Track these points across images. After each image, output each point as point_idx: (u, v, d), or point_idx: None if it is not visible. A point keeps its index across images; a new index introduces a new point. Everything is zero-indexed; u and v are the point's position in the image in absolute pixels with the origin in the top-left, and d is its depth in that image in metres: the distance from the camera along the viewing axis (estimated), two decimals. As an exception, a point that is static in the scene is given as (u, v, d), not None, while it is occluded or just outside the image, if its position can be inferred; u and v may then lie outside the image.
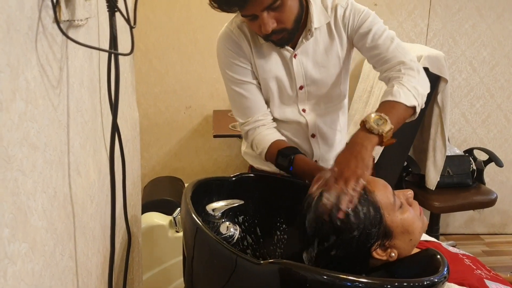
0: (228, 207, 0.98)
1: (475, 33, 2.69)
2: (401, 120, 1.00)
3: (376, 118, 0.93)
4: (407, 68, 1.06)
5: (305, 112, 1.23)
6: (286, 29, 1.05)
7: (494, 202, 2.45)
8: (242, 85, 1.18)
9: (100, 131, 0.80)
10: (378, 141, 0.93)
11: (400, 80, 1.04)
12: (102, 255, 0.79)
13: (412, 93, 1.01)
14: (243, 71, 1.17)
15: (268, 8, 0.99)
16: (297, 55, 1.15)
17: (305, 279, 0.72)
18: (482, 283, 0.87)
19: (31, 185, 0.48)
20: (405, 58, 1.08)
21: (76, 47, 0.63)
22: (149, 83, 2.57)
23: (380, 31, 1.12)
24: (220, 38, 1.19)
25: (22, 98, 0.46)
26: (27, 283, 0.47)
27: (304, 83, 1.18)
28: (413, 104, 1.01)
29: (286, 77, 1.18)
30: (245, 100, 1.19)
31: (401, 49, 1.11)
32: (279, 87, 1.19)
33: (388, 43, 1.11)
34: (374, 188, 0.86)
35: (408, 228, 0.85)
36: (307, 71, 1.17)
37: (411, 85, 1.02)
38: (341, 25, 1.14)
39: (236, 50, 1.16)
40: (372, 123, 0.92)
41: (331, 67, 1.18)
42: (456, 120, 2.82)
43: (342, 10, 1.14)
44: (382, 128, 0.92)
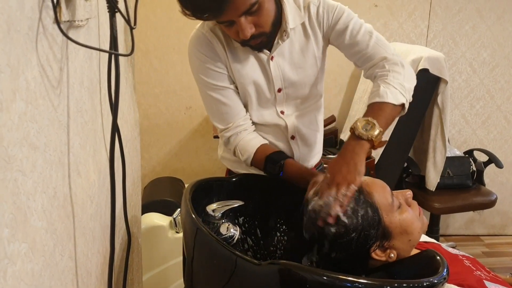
0: (228, 207, 0.98)
1: (475, 34, 2.69)
2: (390, 120, 1.00)
3: (364, 124, 0.94)
4: (391, 63, 1.05)
5: (284, 114, 1.20)
6: (264, 33, 1.02)
7: (494, 203, 2.45)
8: (219, 91, 1.13)
9: (100, 132, 0.80)
10: (369, 145, 0.93)
11: (385, 79, 1.03)
12: (102, 255, 0.79)
13: (399, 91, 1.01)
14: (219, 76, 1.12)
15: (245, 13, 0.95)
16: (274, 57, 1.12)
17: (305, 279, 0.72)
18: (481, 284, 0.87)
19: (31, 185, 0.48)
20: (387, 53, 1.07)
21: (76, 48, 0.64)
22: (149, 83, 2.58)
23: (357, 26, 1.09)
24: (191, 42, 1.12)
25: (22, 98, 0.46)
26: (27, 283, 0.46)
27: (282, 85, 1.15)
28: (401, 102, 1.01)
29: (264, 80, 1.14)
30: (223, 106, 1.15)
31: (381, 43, 1.09)
32: (257, 90, 1.15)
33: (367, 38, 1.08)
34: (372, 189, 0.86)
35: (407, 228, 0.85)
36: (284, 73, 1.14)
37: (397, 83, 1.01)
38: (315, 24, 1.11)
39: (210, 54, 1.11)
40: (360, 130, 0.93)
41: (308, 67, 1.15)
42: (456, 121, 2.82)
43: (315, 8, 1.10)
44: (370, 133, 0.92)
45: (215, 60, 1.11)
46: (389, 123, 1.00)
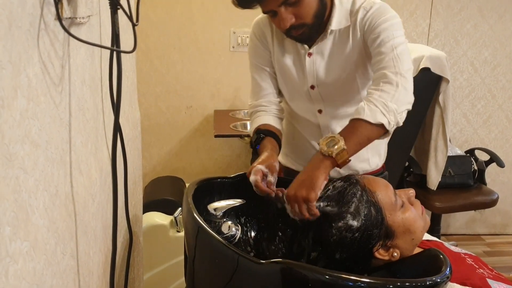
0: (229, 206, 0.97)
1: (476, 34, 2.68)
2: (363, 140, 0.97)
3: (328, 140, 0.94)
4: (385, 82, 1.01)
5: (321, 113, 1.23)
6: (305, 24, 1.06)
7: (495, 202, 2.45)
8: (257, 70, 1.24)
9: (102, 130, 0.79)
10: (331, 162, 0.92)
11: (370, 97, 1.00)
12: (103, 254, 0.78)
13: (379, 110, 0.97)
14: (262, 58, 1.23)
15: (285, 3, 1.01)
16: (312, 54, 1.16)
17: (306, 278, 0.71)
18: (484, 282, 0.87)
19: (32, 183, 0.48)
20: (391, 70, 1.02)
21: (78, 45, 0.63)
22: (150, 83, 2.57)
23: (388, 38, 1.06)
24: (253, 25, 1.26)
25: (23, 95, 0.45)
26: (29, 282, 0.46)
27: (315, 83, 1.18)
28: (379, 122, 0.96)
29: (298, 74, 1.20)
30: (256, 85, 1.25)
31: (396, 60, 1.04)
32: (289, 80, 1.22)
33: (388, 51, 1.05)
34: (376, 188, 0.86)
35: (410, 227, 0.84)
36: (318, 71, 1.17)
37: (380, 101, 0.98)
38: (358, 28, 1.12)
39: (260, 37, 1.22)
40: (323, 145, 0.93)
41: (344, 70, 1.16)
42: (458, 121, 2.81)
43: (364, 12, 1.10)
44: (331, 150, 0.92)
45: (262, 42, 1.23)
46: (362, 143, 0.97)
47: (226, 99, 2.66)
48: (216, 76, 2.61)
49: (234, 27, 2.55)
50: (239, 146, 2.73)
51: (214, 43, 2.57)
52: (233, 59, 2.60)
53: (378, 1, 1.11)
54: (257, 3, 1.02)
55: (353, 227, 0.82)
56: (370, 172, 1.32)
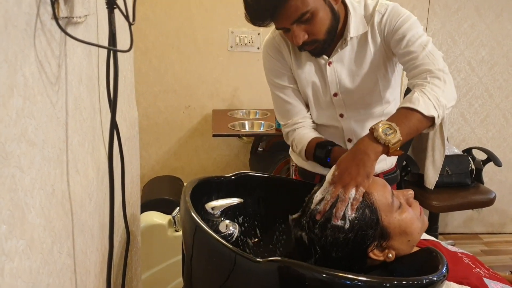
0: (227, 205, 0.97)
1: (474, 33, 2.69)
2: (413, 130, 0.96)
3: (385, 127, 0.90)
4: (433, 77, 1.02)
5: (343, 117, 1.24)
6: (317, 40, 1.08)
7: (492, 201, 2.45)
8: (283, 90, 1.24)
9: (99, 129, 0.80)
10: (383, 151, 0.89)
11: (422, 88, 1.00)
12: (100, 253, 0.78)
13: (432, 103, 0.97)
14: (284, 77, 1.23)
15: (297, 21, 1.02)
16: (332, 63, 1.17)
17: (304, 277, 0.72)
18: (481, 281, 0.87)
19: (28, 182, 0.48)
20: (433, 67, 1.03)
21: (74, 44, 0.63)
22: (149, 82, 2.57)
23: (414, 37, 1.07)
24: (264, 45, 1.25)
25: (20, 94, 0.45)
26: (25, 280, 0.46)
27: (338, 90, 1.19)
28: (432, 115, 0.96)
29: (320, 84, 1.20)
30: (285, 104, 1.25)
31: (432, 57, 1.05)
32: (314, 92, 1.22)
33: (420, 50, 1.06)
34: (372, 188, 0.85)
35: (406, 229, 0.84)
36: (341, 79, 1.18)
37: (433, 95, 0.98)
38: (377, 32, 1.13)
39: (278, 56, 1.22)
40: (380, 132, 0.89)
41: (366, 75, 1.17)
42: (455, 120, 2.82)
43: (380, 16, 1.12)
44: (389, 138, 0.88)
45: (280, 62, 1.22)
46: (413, 134, 0.96)
47: (224, 99, 2.67)
48: (214, 75, 2.61)
49: (232, 27, 2.55)
50: (237, 145, 2.74)
51: (212, 43, 2.57)
52: (231, 58, 2.60)
53: (389, 2, 1.14)
54: (270, 20, 1.03)
55: (347, 227, 0.82)
56: (387, 170, 1.33)
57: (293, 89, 1.24)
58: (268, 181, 1.13)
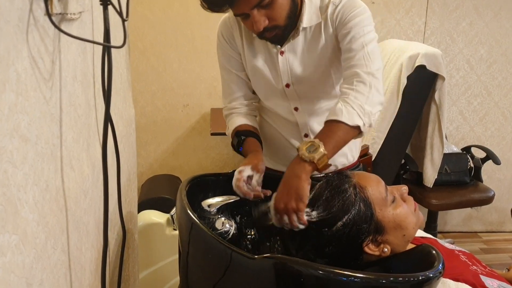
0: (223, 203, 0.97)
1: (472, 31, 2.69)
2: (340, 143, 0.98)
3: (308, 145, 0.92)
4: (359, 81, 1.02)
5: (297, 111, 1.22)
6: (278, 26, 1.05)
7: (491, 199, 2.45)
8: (228, 72, 1.24)
9: (94, 126, 0.79)
10: (312, 168, 0.91)
11: (346, 97, 1.01)
12: (96, 250, 0.79)
13: (356, 112, 0.98)
14: (230, 60, 1.22)
15: (257, 6, 0.99)
16: (284, 52, 1.14)
17: (299, 273, 0.72)
18: (477, 279, 0.87)
19: (21, 177, 0.48)
20: (363, 69, 1.03)
21: (69, 41, 0.63)
22: (147, 81, 2.57)
23: (359, 35, 1.06)
24: (220, 25, 1.23)
25: (12, 90, 0.45)
26: (18, 275, 0.46)
27: (290, 81, 1.17)
28: (357, 124, 0.98)
29: (271, 73, 1.18)
30: (228, 87, 1.25)
31: (367, 58, 1.04)
32: (264, 82, 1.20)
33: (359, 48, 1.05)
34: (366, 183, 0.86)
35: (401, 223, 0.84)
36: (292, 69, 1.16)
37: (356, 103, 0.99)
38: (329, 23, 1.11)
39: (229, 38, 1.20)
40: (303, 151, 0.92)
41: (319, 66, 1.16)
42: (454, 118, 2.82)
43: (333, 7, 1.10)
44: (313, 155, 0.91)
45: (231, 44, 1.20)
46: (339, 146, 0.98)
47: (222, 97, 2.66)
48: (212, 74, 2.61)
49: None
50: (236, 144, 2.73)
51: (210, 41, 2.57)
52: (229, 57, 2.59)
53: None
54: (228, 6, 0.99)
55: (341, 221, 0.82)
56: (348, 166, 1.33)
57: (237, 75, 1.23)
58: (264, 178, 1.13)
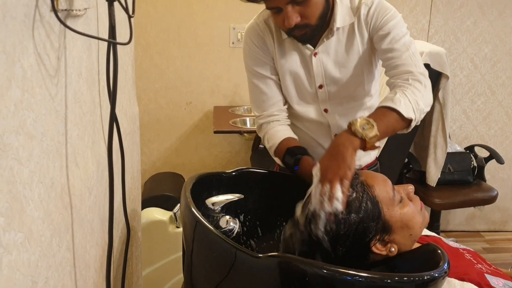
0: (227, 201, 0.97)
1: (476, 30, 2.67)
2: (390, 129, 0.98)
3: (363, 122, 0.92)
4: (414, 79, 1.04)
5: (327, 112, 1.22)
6: (309, 25, 1.05)
7: (494, 199, 2.45)
8: (261, 79, 1.20)
9: (99, 123, 0.79)
10: (361, 145, 0.91)
11: (404, 90, 1.02)
12: (100, 248, 0.78)
13: (412, 106, 0.99)
14: (264, 66, 1.19)
15: (292, 2, 1.00)
16: (318, 53, 1.15)
17: (304, 272, 0.71)
18: (482, 277, 0.86)
19: (27, 175, 0.47)
20: (415, 69, 1.06)
21: (74, 37, 0.63)
22: (150, 78, 2.57)
23: (398, 36, 1.09)
24: (246, 31, 1.21)
25: (18, 86, 0.45)
26: (23, 273, 0.46)
27: (324, 82, 1.18)
28: (410, 117, 0.99)
29: (305, 75, 1.18)
30: (262, 94, 1.21)
31: (414, 59, 1.08)
32: (297, 84, 1.19)
33: (403, 49, 1.08)
34: (374, 182, 0.86)
35: (408, 223, 0.84)
36: (326, 70, 1.16)
37: (413, 98, 1.00)
38: (363, 24, 1.13)
39: (261, 44, 1.18)
40: (357, 127, 0.91)
41: (352, 67, 1.16)
42: (457, 117, 2.81)
43: (366, 9, 1.12)
44: (366, 133, 0.91)
45: (262, 50, 1.18)
46: (389, 133, 0.98)
47: (225, 95, 2.66)
48: (215, 72, 2.61)
49: (233, 23, 2.55)
50: (238, 142, 2.73)
51: (213, 39, 2.56)
52: (232, 55, 2.59)
53: None
54: None
55: (349, 220, 0.82)
56: (369, 163, 1.33)
57: (273, 80, 1.20)
58: (269, 177, 1.13)
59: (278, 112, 1.21)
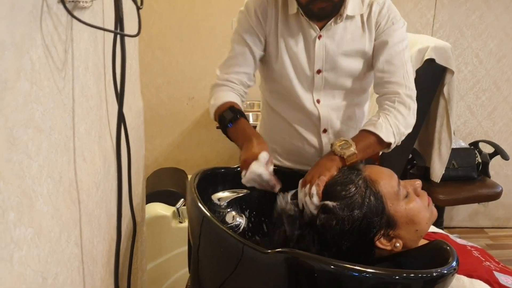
0: (233, 196, 0.96)
1: (482, 24, 2.65)
2: (370, 150, 1.05)
3: (342, 143, 1.01)
4: (400, 102, 1.09)
5: (319, 103, 1.20)
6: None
7: (499, 195, 2.44)
8: (242, 46, 1.17)
9: (105, 118, 0.78)
10: (340, 162, 0.98)
11: (387, 114, 1.08)
12: (107, 243, 0.78)
13: (393, 130, 1.06)
14: (252, 36, 1.16)
15: None
16: (322, 36, 1.13)
17: (312, 268, 0.71)
18: (491, 275, 0.86)
19: (36, 169, 0.47)
20: (403, 90, 1.10)
21: (81, 29, 0.62)
22: (152, 73, 2.56)
23: (399, 48, 1.11)
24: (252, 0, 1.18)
25: (27, 79, 0.44)
26: (34, 269, 0.45)
27: (323, 67, 1.16)
28: (390, 141, 1.07)
29: (306, 57, 1.15)
30: (233, 59, 1.18)
31: (407, 78, 1.11)
32: (295, 65, 1.16)
33: (399, 64, 1.11)
34: (378, 177, 0.85)
35: (414, 218, 0.83)
36: (328, 54, 1.14)
37: (395, 123, 1.07)
38: (373, 21, 1.13)
39: (262, 15, 1.15)
40: (336, 147, 1.00)
41: (354, 58, 1.16)
42: (462, 113, 2.79)
43: (378, 7, 1.12)
44: (344, 151, 0.98)
45: (261, 20, 1.15)
46: (369, 153, 1.05)
47: (228, 90, 2.65)
48: (218, 67, 2.60)
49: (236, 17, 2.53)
50: (241, 137, 2.72)
51: (216, 34, 2.55)
52: (235, 50, 2.57)
53: None
54: None
55: (352, 215, 0.81)
56: None
57: (252, 53, 1.16)
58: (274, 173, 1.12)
59: (237, 82, 1.17)
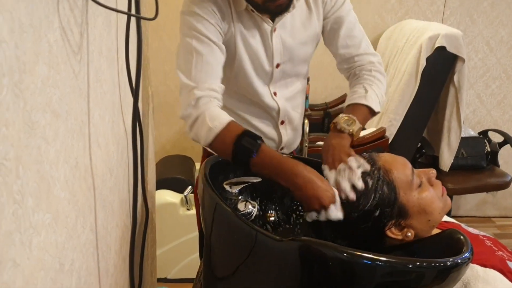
0: (245, 183, 0.96)
1: (493, 12, 2.60)
2: (365, 122, 1.05)
3: (345, 119, 0.99)
4: (376, 71, 1.11)
5: (276, 96, 1.16)
6: None
7: (508, 184, 2.42)
8: (207, 45, 0.99)
9: (118, 104, 0.78)
10: (350, 139, 0.97)
11: (371, 85, 1.09)
12: (120, 229, 0.78)
13: (379, 100, 1.08)
14: (213, 30, 1.00)
15: None
16: (277, 29, 1.08)
17: (325, 256, 0.70)
18: (504, 264, 0.85)
19: (53, 154, 0.46)
20: (374, 58, 1.12)
21: (96, 13, 0.61)
22: (159, 60, 2.54)
23: (353, 19, 1.12)
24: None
25: (44, 62, 0.43)
26: (51, 254, 0.45)
27: (281, 60, 1.11)
28: (378, 111, 1.08)
29: (264, 53, 1.10)
30: (204, 63, 0.98)
31: (370, 47, 1.13)
32: (253, 61, 1.09)
33: (360, 36, 1.12)
34: (392, 166, 0.84)
35: (426, 208, 0.82)
36: (285, 46, 1.10)
37: (380, 93, 1.09)
38: (320, 2, 1.10)
39: (217, 9, 1.01)
40: (342, 124, 0.97)
41: (309, 42, 1.13)
42: (471, 101, 2.76)
43: None
44: (352, 127, 0.97)
45: (217, 15, 1.02)
46: (364, 124, 1.05)
47: (236, 78, 2.63)
48: (226, 54, 2.57)
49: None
50: (248, 125, 2.71)
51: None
52: (243, 36, 2.55)
53: None
54: None
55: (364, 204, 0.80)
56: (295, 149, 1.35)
57: (219, 50, 1.01)
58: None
59: (219, 89, 1.00)
